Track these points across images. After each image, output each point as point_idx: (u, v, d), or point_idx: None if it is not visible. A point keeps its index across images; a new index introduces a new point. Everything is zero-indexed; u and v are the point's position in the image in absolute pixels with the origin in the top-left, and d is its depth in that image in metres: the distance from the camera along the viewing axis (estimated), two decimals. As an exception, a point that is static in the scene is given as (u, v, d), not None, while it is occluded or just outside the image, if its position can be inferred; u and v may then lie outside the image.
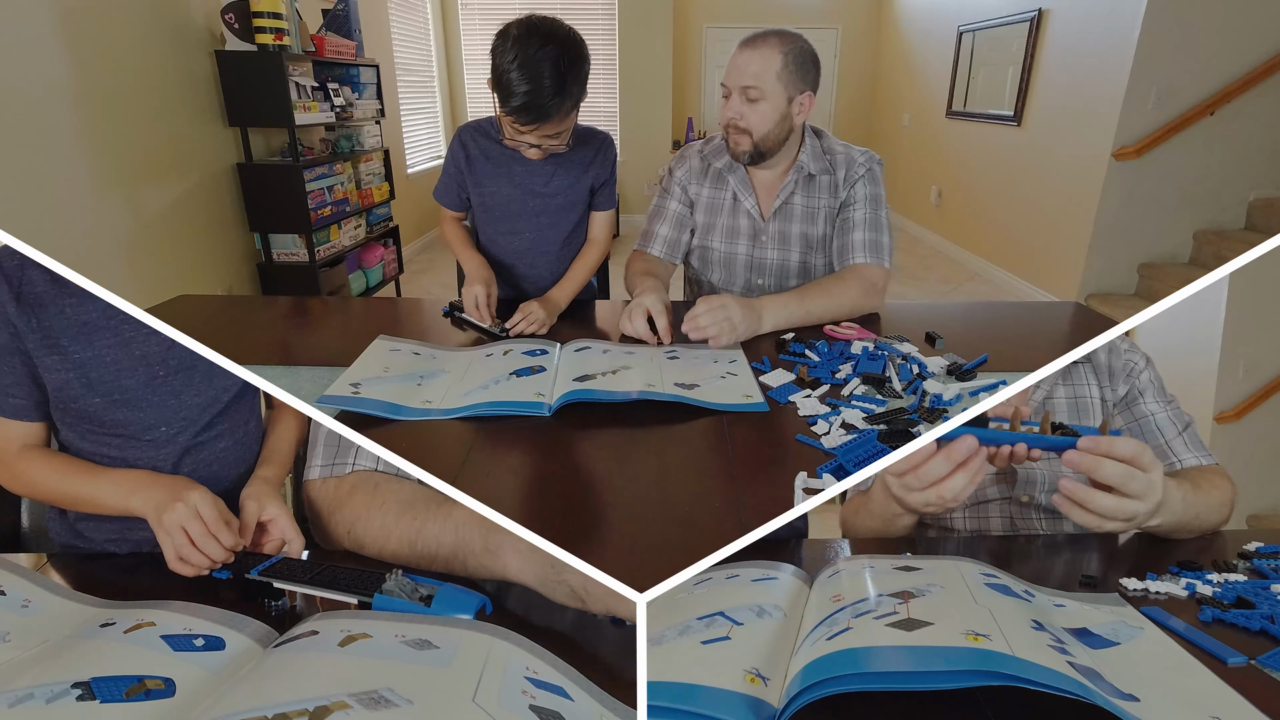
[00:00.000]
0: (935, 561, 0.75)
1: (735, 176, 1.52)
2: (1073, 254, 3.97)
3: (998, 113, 4.78)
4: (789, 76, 1.38)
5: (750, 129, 1.41)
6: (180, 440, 0.96)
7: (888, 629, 0.58)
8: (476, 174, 1.49)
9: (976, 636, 0.55)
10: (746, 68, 1.38)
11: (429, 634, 0.64)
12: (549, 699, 0.58)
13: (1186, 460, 0.99)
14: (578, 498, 0.84)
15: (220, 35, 3.15)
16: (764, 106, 1.39)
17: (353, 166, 3.84)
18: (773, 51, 1.37)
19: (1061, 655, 0.55)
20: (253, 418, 1.05)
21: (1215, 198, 3.75)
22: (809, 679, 0.54)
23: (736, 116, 1.41)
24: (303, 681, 0.55)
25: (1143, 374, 1.04)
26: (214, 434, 0.99)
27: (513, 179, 1.47)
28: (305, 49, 3.43)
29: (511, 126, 1.31)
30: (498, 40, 1.25)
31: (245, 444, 1.03)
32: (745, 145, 1.43)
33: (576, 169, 1.48)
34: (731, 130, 1.44)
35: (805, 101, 1.42)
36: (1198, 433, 1.02)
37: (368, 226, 4.00)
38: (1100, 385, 1.04)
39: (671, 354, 1.21)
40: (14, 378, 0.91)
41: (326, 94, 3.59)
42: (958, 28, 5.28)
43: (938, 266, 5.30)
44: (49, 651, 0.63)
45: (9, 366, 0.91)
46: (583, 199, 1.53)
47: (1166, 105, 3.59)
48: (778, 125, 1.42)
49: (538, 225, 1.51)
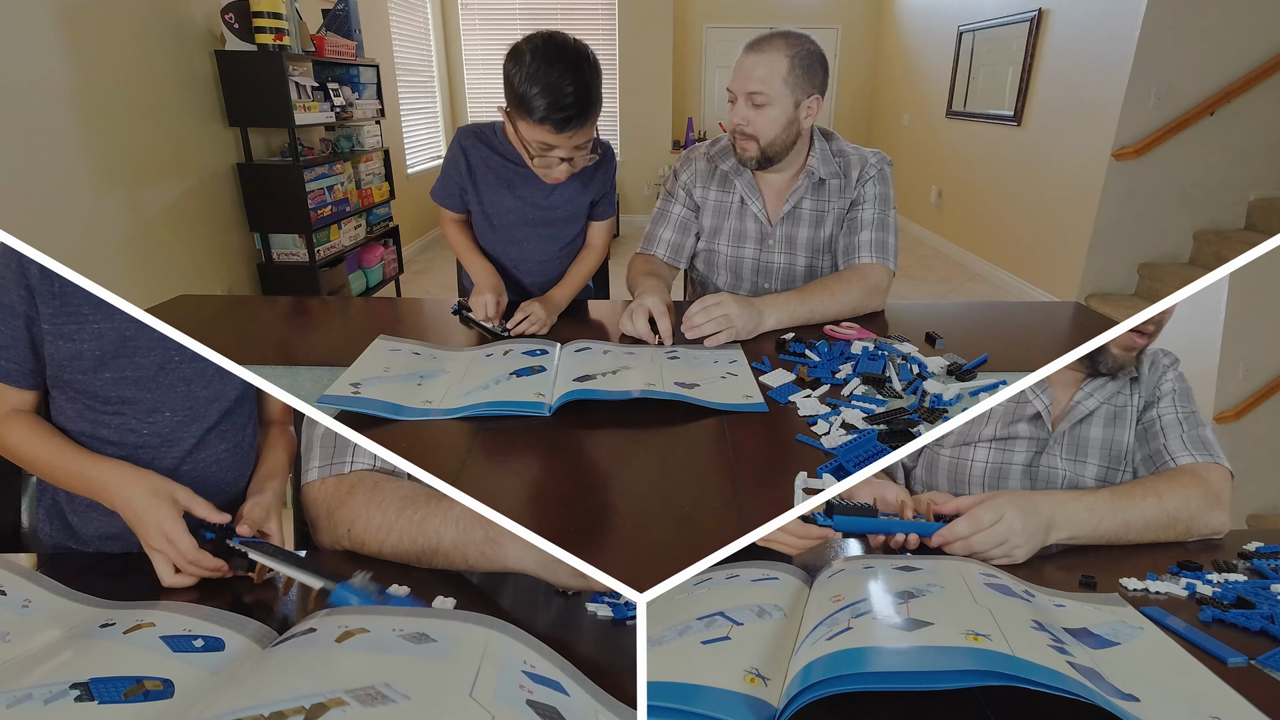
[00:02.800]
0: (935, 562, 0.75)
1: (742, 180, 1.51)
2: (1073, 254, 3.97)
3: (998, 113, 4.78)
4: (796, 80, 1.36)
5: (757, 134, 1.40)
6: (185, 436, 0.96)
7: (888, 629, 0.58)
8: (477, 183, 1.47)
9: (976, 636, 0.55)
10: (752, 72, 1.36)
11: (426, 627, 0.64)
12: (546, 694, 0.58)
13: (1181, 459, 0.97)
14: (578, 498, 0.84)
15: (220, 35, 3.15)
16: (771, 112, 1.37)
17: (353, 166, 3.84)
18: (779, 55, 1.35)
19: (1061, 655, 0.55)
20: (251, 423, 1.05)
21: (1215, 198, 3.75)
22: (808, 679, 0.54)
23: (743, 122, 1.40)
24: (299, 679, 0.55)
25: (1165, 382, 1.04)
26: (217, 433, 0.99)
27: (514, 191, 1.46)
28: (305, 49, 3.43)
29: (541, 143, 1.26)
30: (512, 61, 1.22)
31: (243, 449, 1.03)
32: (752, 151, 1.42)
33: (578, 182, 1.46)
34: (738, 136, 1.42)
35: (813, 105, 1.40)
36: (1208, 434, 1.00)
37: (368, 226, 4.00)
38: (1139, 396, 1.05)
39: (672, 354, 1.21)
40: (10, 340, 0.90)
41: (326, 94, 3.59)
42: (958, 28, 5.28)
43: (938, 266, 5.30)
44: (48, 652, 0.62)
45: (9, 329, 0.90)
46: (583, 211, 1.53)
47: (1166, 105, 3.59)
48: (785, 130, 1.40)
49: (538, 237, 1.51)
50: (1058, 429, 1.04)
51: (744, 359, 1.19)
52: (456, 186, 1.50)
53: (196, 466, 0.98)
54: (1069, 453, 1.04)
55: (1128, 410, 1.05)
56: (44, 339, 0.90)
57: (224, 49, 3.14)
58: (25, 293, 0.88)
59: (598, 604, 0.77)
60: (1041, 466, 1.05)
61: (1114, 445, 1.04)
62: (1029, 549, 0.83)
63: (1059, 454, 1.04)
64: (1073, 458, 1.04)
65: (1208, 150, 3.65)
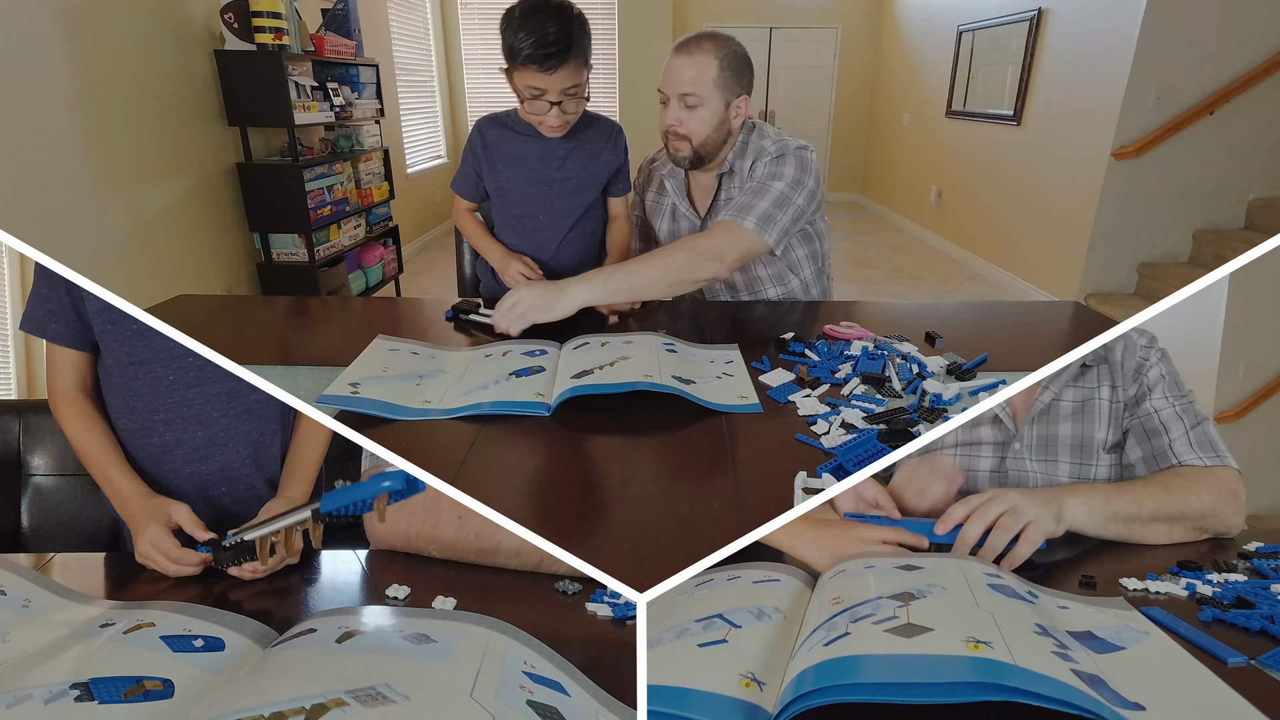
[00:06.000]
0: (938, 560, 0.74)
1: (673, 182, 1.57)
2: (1072, 254, 3.97)
3: (997, 112, 4.78)
4: (725, 81, 1.40)
5: (690, 135, 1.43)
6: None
7: (886, 634, 0.56)
8: (493, 160, 1.54)
9: (978, 644, 0.53)
10: (683, 74, 1.40)
11: (427, 628, 0.64)
12: (546, 694, 0.58)
13: (1188, 461, 0.94)
14: (578, 497, 0.84)
15: (220, 35, 3.14)
16: (702, 113, 1.41)
17: (352, 166, 3.84)
18: (708, 58, 1.39)
19: (1065, 662, 0.54)
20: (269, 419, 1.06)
21: (1215, 198, 3.75)
22: (802, 687, 0.53)
23: (676, 123, 1.43)
24: (300, 679, 0.55)
25: (1153, 370, 0.99)
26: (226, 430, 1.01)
27: (527, 165, 1.53)
28: (305, 49, 3.43)
29: (531, 87, 1.35)
30: (504, 19, 1.33)
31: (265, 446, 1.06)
32: (685, 151, 1.46)
33: (588, 154, 1.53)
34: (671, 136, 1.46)
35: (741, 105, 1.44)
36: (1212, 431, 0.96)
37: (367, 226, 4.00)
38: (1113, 386, 1.00)
39: (669, 346, 1.21)
40: (58, 304, 0.96)
41: (326, 94, 3.59)
42: (958, 27, 5.28)
43: (938, 266, 5.30)
44: (48, 652, 0.62)
45: (55, 295, 0.96)
46: (593, 183, 1.57)
47: (1166, 105, 3.59)
48: (716, 130, 1.44)
49: (550, 209, 1.56)
50: (1021, 428, 1.01)
51: (740, 359, 1.19)
52: (473, 172, 1.58)
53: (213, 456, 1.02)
54: (1038, 453, 1.00)
55: (1094, 402, 1.00)
56: (83, 297, 0.96)
57: (224, 49, 3.14)
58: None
59: (598, 604, 0.77)
60: (1010, 471, 1.01)
61: (1084, 440, 1.00)
62: (1043, 526, 0.80)
63: (1027, 456, 1.00)
64: (1043, 458, 1.00)
65: (1207, 150, 3.65)
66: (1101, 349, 1.01)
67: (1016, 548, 0.80)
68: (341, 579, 0.85)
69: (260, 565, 0.81)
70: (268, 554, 0.80)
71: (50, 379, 0.99)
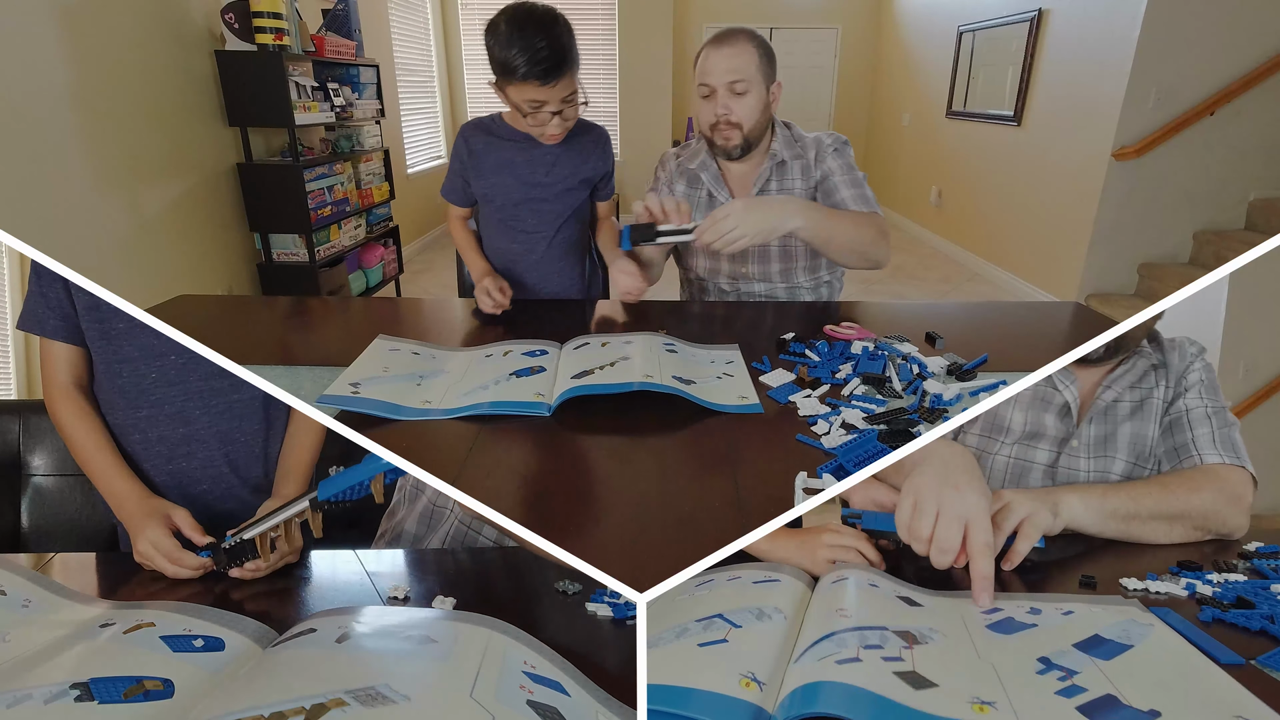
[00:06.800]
0: (935, 600, 0.73)
1: (708, 174, 1.58)
2: (1073, 254, 3.97)
3: (998, 113, 4.77)
4: (763, 69, 1.45)
5: (740, 121, 1.46)
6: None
7: (895, 678, 0.57)
8: (479, 166, 1.54)
9: (982, 706, 0.54)
10: (729, 64, 1.43)
11: (427, 628, 0.64)
12: (546, 694, 0.58)
13: (1208, 457, 0.95)
14: (578, 498, 0.84)
15: (220, 35, 3.14)
16: (750, 99, 1.45)
17: (353, 166, 3.84)
18: (747, 45, 1.44)
19: (1069, 699, 0.54)
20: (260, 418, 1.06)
21: (1215, 198, 3.75)
22: (810, 705, 0.53)
23: (726, 112, 1.46)
24: (300, 679, 0.55)
25: (1194, 373, 1.02)
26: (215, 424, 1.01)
27: (513, 170, 1.53)
28: (305, 49, 3.43)
29: (531, 100, 1.35)
30: (490, 34, 1.32)
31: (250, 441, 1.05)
32: (736, 139, 1.48)
33: (574, 160, 1.54)
34: (722, 126, 1.47)
35: (776, 91, 1.49)
36: (1237, 436, 0.97)
37: (368, 226, 4.00)
38: (1166, 387, 1.03)
39: (670, 346, 1.21)
40: (55, 300, 0.96)
41: (326, 94, 3.59)
42: (958, 28, 5.28)
43: (938, 266, 5.30)
44: (48, 652, 0.62)
45: (53, 291, 0.96)
46: (579, 187, 1.58)
47: (1166, 105, 3.59)
48: (763, 115, 1.48)
49: (537, 212, 1.56)
50: (1081, 424, 1.02)
51: (740, 359, 1.19)
52: (460, 179, 1.58)
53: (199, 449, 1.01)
54: (1095, 449, 1.02)
55: (1152, 401, 1.02)
56: (74, 295, 0.96)
57: (224, 49, 3.14)
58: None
59: (598, 604, 0.77)
60: (1061, 468, 1.02)
61: (1138, 440, 1.02)
62: (1040, 522, 0.81)
63: (1083, 454, 1.02)
64: (1101, 454, 1.01)
65: (1207, 150, 3.65)
66: (1160, 355, 1.03)
67: (1015, 544, 0.80)
68: (341, 579, 0.85)
69: (262, 563, 0.81)
70: (269, 550, 0.80)
71: (46, 375, 0.99)
